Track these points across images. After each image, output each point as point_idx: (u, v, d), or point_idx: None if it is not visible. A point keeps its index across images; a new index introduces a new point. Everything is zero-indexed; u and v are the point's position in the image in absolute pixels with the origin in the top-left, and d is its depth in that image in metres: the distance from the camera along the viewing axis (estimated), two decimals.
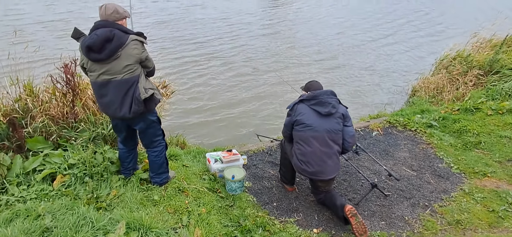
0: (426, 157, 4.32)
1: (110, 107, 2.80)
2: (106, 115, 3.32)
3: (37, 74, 4.34)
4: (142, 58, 2.75)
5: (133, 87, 2.73)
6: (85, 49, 2.60)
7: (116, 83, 2.69)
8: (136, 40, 2.69)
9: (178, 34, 12.79)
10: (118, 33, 2.60)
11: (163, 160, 3.25)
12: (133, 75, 2.71)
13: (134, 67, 2.71)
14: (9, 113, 3.48)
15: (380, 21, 15.31)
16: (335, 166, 3.10)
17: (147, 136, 3.10)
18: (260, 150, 4.39)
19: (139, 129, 3.03)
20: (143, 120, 2.97)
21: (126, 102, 2.75)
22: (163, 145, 3.22)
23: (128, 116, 2.79)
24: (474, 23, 11.03)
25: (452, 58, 7.09)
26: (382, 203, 3.49)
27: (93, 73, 2.72)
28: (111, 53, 2.59)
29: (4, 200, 2.87)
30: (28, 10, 14.30)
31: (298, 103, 3.17)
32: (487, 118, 4.99)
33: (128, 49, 2.64)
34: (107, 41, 2.57)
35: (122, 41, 2.61)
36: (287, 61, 9.87)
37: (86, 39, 2.61)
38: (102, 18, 2.67)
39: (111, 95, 2.73)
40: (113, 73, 2.66)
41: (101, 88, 2.74)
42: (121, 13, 2.71)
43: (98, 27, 2.62)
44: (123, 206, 2.95)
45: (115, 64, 2.64)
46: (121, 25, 2.70)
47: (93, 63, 2.66)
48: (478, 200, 3.55)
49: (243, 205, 3.33)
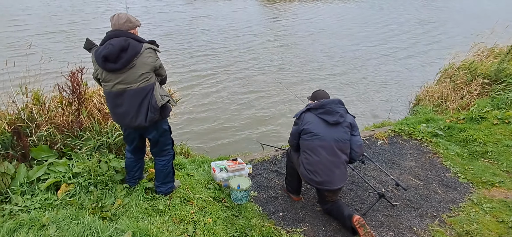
0: (432, 166, 4.28)
1: (126, 117, 2.78)
2: (120, 125, 3.26)
3: (45, 83, 4.35)
4: (156, 66, 2.75)
5: (149, 95, 2.72)
6: (101, 59, 2.58)
7: (132, 92, 2.68)
8: (150, 49, 2.69)
9: (184, 44, 12.87)
10: (133, 42, 2.60)
11: (170, 169, 3.22)
12: (148, 83, 2.70)
13: (149, 75, 2.71)
14: (14, 121, 3.46)
15: (379, 31, 15.38)
16: (343, 175, 3.06)
17: (159, 145, 3.08)
18: (265, 159, 4.36)
19: (152, 138, 3.00)
20: (157, 129, 2.95)
21: (142, 111, 2.73)
22: (171, 154, 3.20)
23: (144, 124, 2.77)
24: (473, 32, 11.06)
25: (457, 68, 7.08)
26: (390, 213, 3.44)
27: (108, 84, 2.70)
28: (127, 62, 2.58)
29: (8, 209, 2.83)
30: (30, 22, 14.43)
31: (306, 112, 3.15)
32: (493, 127, 4.96)
33: (143, 57, 2.64)
34: (123, 51, 2.56)
35: (137, 50, 2.60)
36: (290, 69, 9.89)
37: (100, 49, 2.60)
38: (115, 28, 2.66)
39: (127, 104, 2.71)
40: (128, 82, 2.65)
41: (116, 98, 2.72)
42: (133, 22, 2.72)
43: (111, 37, 2.61)
44: (128, 216, 2.92)
45: (130, 73, 2.63)
46: (134, 34, 2.70)
47: (108, 73, 2.64)
48: (487, 211, 3.49)
49: (248, 215, 3.29)
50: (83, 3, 18.55)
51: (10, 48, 10.88)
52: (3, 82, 3.94)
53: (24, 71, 3.88)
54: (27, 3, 17.39)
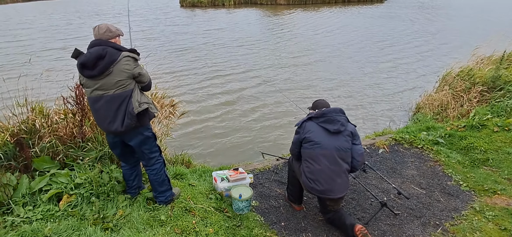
0: (434, 174, 4.28)
1: (103, 121, 2.86)
2: (101, 129, 3.37)
3: (49, 92, 4.39)
4: (134, 73, 2.80)
5: (125, 101, 2.78)
6: (79, 66, 2.70)
7: (108, 98, 2.75)
8: (128, 56, 2.77)
9: (182, 54, 12.95)
10: (111, 50, 2.69)
11: (164, 177, 3.22)
12: (125, 90, 2.77)
13: (126, 82, 2.77)
14: (17, 133, 3.47)
15: (377, 40, 15.49)
16: (344, 184, 3.06)
17: (143, 153, 3.09)
18: (266, 168, 4.36)
19: (134, 145, 3.02)
20: (137, 135, 2.97)
21: (118, 117, 2.79)
22: (160, 162, 3.20)
23: (121, 129, 2.82)
24: (471, 40, 11.15)
25: (456, 75, 7.12)
26: (392, 222, 3.43)
27: (88, 89, 2.81)
28: (104, 69, 2.67)
29: (10, 221, 2.83)
30: (35, 36, 14.58)
31: (307, 120, 3.16)
32: (493, 135, 4.96)
33: (120, 65, 2.71)
34: (100, 59, 2.66)
35: (114, 58, 2.69)
36: (291, 79, 9.93)
37: (81, 57, 2.71)
38: (96, 38, 2.77)
39: (103, 109, 2.79)
40: (105, 89, 2.73)
41: (94, 103, 2.81)
42: (113, 31, 2.81)
43: (92, 46, 2.73)
44: (130, 227, 2.91)
45: (107, 80, 2.71)
46: (114, 43, 2.78)
47: (88, 79, 2.74)
48: (489, 219, 3.48)
49: (250, 225, 3.27)
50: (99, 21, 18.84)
51: (16, 60, 10.97)
52: (8, 93, 3.97)
53: (28, 82, 3.91)
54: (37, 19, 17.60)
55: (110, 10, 29.75)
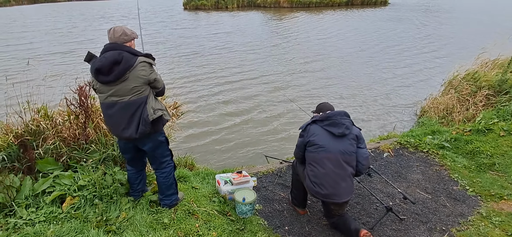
0: (440, 179, 4.23)
1: (117, 128, 2.81)
2: (113, 135, 3.32)
3: (54, 93, 4.40)
4: (150, 79, 2.75)
5: (140, 108, 2.73)
6: (94, 71, 2.62)
7: (123, 105, 2.69)
8: (144, 62, 2.70)
9: (188, 57, 12.97)
10: (127, 56, 2.62)
11: (172, 181, 3.21)
12: (140, 96, 2.71)
13: (142, 88, 2.71)
14: (21, 134, 3.48)
15: (382, 43, 15.44)
16: (349, 188, 3.02)
17: (155, 157, 3.07)
18: (270, 171, 4.33)
19: (147, 150, 3.00)
20: (151, 141, 2.95)
21: (133, 123, 2.74)
22: (171, 166, 3.19)
23: (135, 136, 2.78)
24: (476, 44, 11.07)
25: (461, 78, 7.06)
26: (398, 227, 3.38)
27: (101, 95, 2.74)
28: (119, 75, 2.60)
29: (12, 223, 2.82)
30: (41, 38, 14.67)
31: (311, 124, 3.13)
32: (499, 139, 4.90)
33: (136, 70, 2.65)
34: (116, 64, 2.59)
35: (130, 63, 2.62)
36: (295, 81, 9.91)
37: (95, 61, 2.64)
38: (111, 41, 2.69)
39: (118, 116, 2.73)
40: (120, 95, 2.67)
41: (108, 109, 2.75)
42: (129, 34, 2.74)
43: (107, 50, 2.65)
44: (133, 229, 2.90)
45: (122, 86, 2.64)
46: (130, 47, 2.72)
47: (102, 84, 2.67)
48: (496, 224, 3.42)
49: (254, 229, 3.25)
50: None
51: (20, 64, 11.05)
52: (15, 97, 3.98)
53: (33, 85, 3.93)
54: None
55: (115, 12, 29.92)
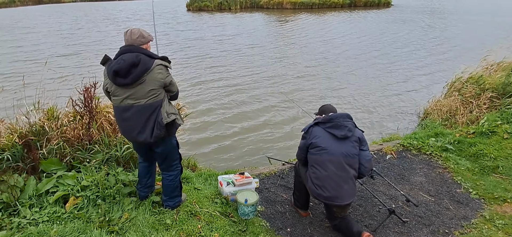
0: (443, 182, 4.21)
1: (132, 131, 2.79)
2: (127, 139, 3.29)
3: (60, 94, 4.44)
4: (166, 82, 2.74)
5: (156, 111, 2.72)
6: (112, 73, 2.60)
7: (139, 108, 2.68)
8: (161, 65, 2.70)
9: (192, 58, 13.01)
10: (144, 58, 2.61)
11: (178, 184, 3.22)
12: (156, 99, 2.70)
13: (158, 91, 2.71)
14: (26, 135, 3.50)
15: (384, 44, 15.40)
16: (352, 191, 3.02)
17: (166, 160, 3.08)
18: (272, 173, 4.33)
19: (160, 152, 3.01)
20: (164, 144, 2.96)
21: (148, 127, 2.73)
22: (179, 169, 3.21)
23: (150, 140, 2.77)
24: (481, 46, 11.02)
25: (465, 81, 7.02)
26: (401, 230, 3.37)
27: (116, 98, 2.72)
28: (137, 77, 2.59)
29: (16, 222, 2.85)
30: (47, 40, 14.77)
31: (314, 126, 3.13)
32: (503, 142, 4.87)
33: (153, 73, 2.64)
34: (133, 66, 2.57)
35: (147, 66, 2.61)
36: (297, 83, 9.91)
37: (112, 63, 2.62)
38: (128, 43, 2.68)
39: (134, 119, 2.72)
40: (137, 98, 2.66)
41: (123, 112, 2.73)
42: (146, 37, 2.73)
43: (124, 52, 2.63)
44: (135, 230, 2.91)
45: (139, 89, 2.63)
46: (146, 50, 2.71)
47: (118, 87, 2.65)
48: (499, 227, 3.40)
49: (256, 231, 3.24)
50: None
51: (25, 66, 11.13)
52: (24, 98, 4.02)
53: (38, 87, 3.96)
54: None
55: (118, 13, 30.09)
